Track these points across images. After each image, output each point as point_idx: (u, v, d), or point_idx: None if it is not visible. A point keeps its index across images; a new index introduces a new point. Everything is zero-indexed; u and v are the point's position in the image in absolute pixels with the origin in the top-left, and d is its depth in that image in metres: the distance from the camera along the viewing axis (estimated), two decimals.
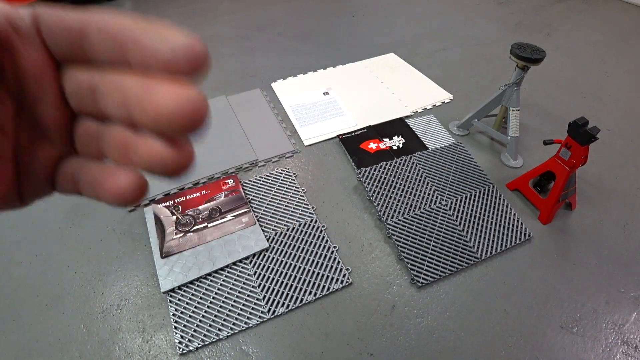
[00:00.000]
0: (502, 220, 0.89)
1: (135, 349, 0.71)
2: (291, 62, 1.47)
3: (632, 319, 0.75)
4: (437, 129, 1.16)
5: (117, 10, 1.42)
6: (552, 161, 0.88)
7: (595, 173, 1.03)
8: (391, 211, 0.90)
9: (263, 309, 0.75)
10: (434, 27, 1.69)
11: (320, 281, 0.79)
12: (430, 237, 0.86)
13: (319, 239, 0.86)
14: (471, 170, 1.00)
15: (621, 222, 0.92)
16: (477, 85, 1.34)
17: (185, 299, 0.77)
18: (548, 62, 1.38)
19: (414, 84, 1.35)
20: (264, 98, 1.28)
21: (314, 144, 1.13)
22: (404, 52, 1.50)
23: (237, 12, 1.85)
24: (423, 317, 0.75)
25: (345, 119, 1.20)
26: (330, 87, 1.33)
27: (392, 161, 1.02)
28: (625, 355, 0.70)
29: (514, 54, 0.94)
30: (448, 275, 0.81)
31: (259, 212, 0.92)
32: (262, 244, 0.85)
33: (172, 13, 1.86)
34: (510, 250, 0.85)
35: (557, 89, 1.33)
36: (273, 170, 1.03)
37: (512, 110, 1.02)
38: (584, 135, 0.79)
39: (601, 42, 1.58)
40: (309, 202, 0.94)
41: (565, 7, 1.85)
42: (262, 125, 1.18)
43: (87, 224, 0.92)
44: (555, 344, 0.71)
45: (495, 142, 1.13)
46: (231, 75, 1.42)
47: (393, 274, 0.82)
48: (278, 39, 1.63)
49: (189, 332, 0.72)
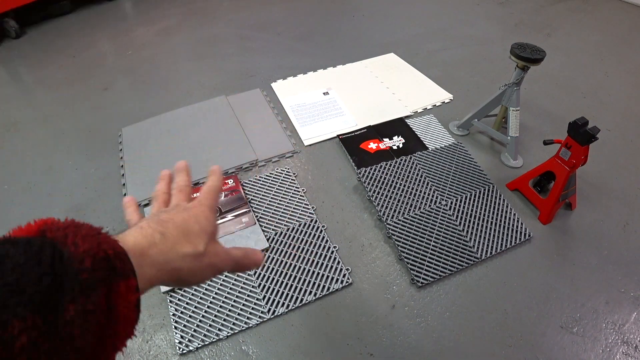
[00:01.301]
0: (502, 220, 0.89)
1: (135, 349, 0.71)
2: (291, 62, 1.47)
3: (632, 319, 0.75)
4: (437, 129, 1.16)
5: (120, 13, 1.40)
6: (552, 161, 0.88)
7: (595, 173, 1.03)
8: (391, 211, 0.90)
9: (263, 309, 0.75)
10: (434, 27, 1.69)
11: (320, 281, 0.79)
12: (430, 237, 0.86)
13: (319, 239, 0.86)
14: (471, 170, 1.00)
15: (621, 222, 0.92)
16: (477, 85, 1.34)
17: (185, 299, 0.77)
18: (548, 62, 1.38)
19: (414, 84, 1.35)
20: (264, 98, 1.28)
21: (314, 144, 1.13)
22: (404, 52, 1.50)
23: (237, 12, 1.85)
24: (423, 317, 0.75)
25: (345, 119, 1.20)
26: (330, 87, 1.33)
27: (392, 161, 1.02)
28: (625, 355, 0.70)
29: (514, 54, 0.94)
30: (448, 275, 0.81)
31: (259, 212, 0.92)
32: (262, 244, 0.85)
33: (172, 13, 1.86)
34: (510, 250, 0.85)
35: (557, 89, 1.33)
36: (273, 170, 1.03)
37: (512, 110, 1.02)
38: (584, 135, 0.79)
39: (601, 42, 1.58)
40: (309, 202, 0.94)
41: (565, 7, 1.85)
42: (262, 125, 1.18)
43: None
44: (555, 344, 0.71)
45: (495, 142, 1.13)
46: (231, 75, 1.42)
47: (393, 274, 0.82)
48: (278, 39, 1.63)
49: (189, 332, 0.72)
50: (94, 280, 0.20)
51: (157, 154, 1.08)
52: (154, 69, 1.47)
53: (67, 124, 1.23)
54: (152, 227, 0.28)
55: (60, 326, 0.18)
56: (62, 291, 0.19)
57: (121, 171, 1.05)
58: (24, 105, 1.32)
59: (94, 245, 0.22)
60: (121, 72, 1.46)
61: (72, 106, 1.30)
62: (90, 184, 1.02)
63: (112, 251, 0.22)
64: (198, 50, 1.58)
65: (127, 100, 1.32)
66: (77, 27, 1.78)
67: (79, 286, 0.19)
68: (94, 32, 1.73)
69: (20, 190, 1.02)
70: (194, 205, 0.34)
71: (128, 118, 1.22)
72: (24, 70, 1.51)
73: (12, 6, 1.64)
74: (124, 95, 1.34)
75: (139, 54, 1.56)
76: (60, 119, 1.25)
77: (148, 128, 1.16)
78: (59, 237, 0.21)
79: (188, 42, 1.64)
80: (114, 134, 1.17)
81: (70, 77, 1.44)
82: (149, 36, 1.68)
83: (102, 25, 1.79)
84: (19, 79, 1.48)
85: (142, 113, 1.23)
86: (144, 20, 1.82)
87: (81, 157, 1.11)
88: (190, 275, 0.30)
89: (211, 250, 0.31)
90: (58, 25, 1.80)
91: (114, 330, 0.22)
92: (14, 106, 1.32)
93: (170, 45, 1.62)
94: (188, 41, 1.64)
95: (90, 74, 1.45)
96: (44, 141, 1.17)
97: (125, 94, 1.35)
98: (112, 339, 0.22)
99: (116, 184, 1.02)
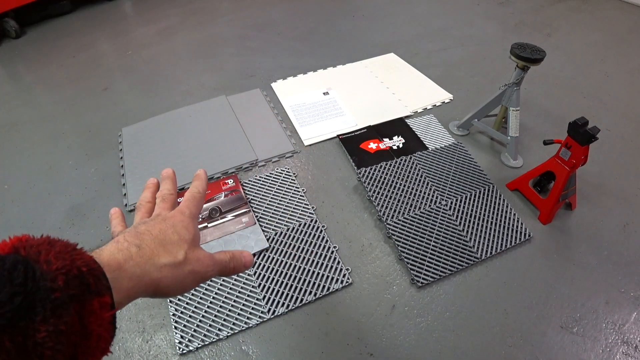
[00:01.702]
0: (502, 220, 0.89)
1: (135, 349, 0.71)
2: (291, 62, 1.47)
3: (632, 319, 0.75)
4: (437, 129, 1.16)
5: (121, 13, 1.40)
6: (552, 161, 0.88)
7: (595, 173, 1.03)
8: (391, 211, 0.90)
9: (263, 309, 0.75)
10: (434, 27, 1.69)
11: (320, 281, 0.79)
12: (430, 237, 0.86)
13: (319, 239, 0.86)
14: (471, 170, 1.00)
15: (621, 222, 0.92)
16: (477, 85, 1.34)
17: (185, 299, 0.77)
18: (548, 62, 1.38)
19: (414, 84, 1.35)
20: (264, 98, 1.28)
21: (314, 144, 1.13)
22: (404, 52, 1.50)
23: (237, 12, 1.85)
24: (423, 317, 0.75)
25: (345, 119, 1.20)
26: (330, 87, 1.33)
27: (392, 161, 1.02)
28: (625, 355, 0.70)
29: (514, 54, 0.94)
30: (448, 275, 0.81)
31: (259, 212, 0.92)
32: (262, 244, 0.85)
33: (172, 13, 1.86)
34: (510, 250, 0.85)
35: (557, 89, 1.33)
36: (273, 170, 1.03)
37: (512, 110, 1.02)
38: (584, 135, 0.79)
39: (601, 42, 1.58)
40: (309, 202, 0.94)
41: (565, 7, 1.85)
42: (262, 125, 1.18)
43: (86, 224, 0.92)
44: (555, 344, 0.71)
45: (495, 142, 1.13)
46: (231, 75, 1.42)
47: (393, 274, 0.82)
48: (278, 39, 1.63)
49: (189, 332, 0.72)
50: (66, 298, 0.20)
51: (157, 154, 1.08)
52: (154, 69, 1.47)
53: (67, 124, 1.23)
54: (129, 240, 0.28)
55: (30, 347, 0.18)
56: (34, 311, 0.19)
57: (121, 171, 1.05)
58: (24, 105, 1.32)
59: (67, 262, 0.21)
60: (121, 72, 1.46)
61: (72, 106, 1.30)
62: (90, 184, 1.02)
63: (85, 268, 0.22)
64: (198, 50, 1.58)
65: (127, 100, 1.32)
66: (77, 27, 1.78)
67: (50, 305, 0.19)
68: (94, 32, 1.73)
69: (20, 190, 1.02)
70: (173, 215, 0.34)
71: (128, 118, 1.22)
72: (24, 70, 1.51)
73: (12, 6, 1.64)
74: (124, 95, 1.34)
75: (139, 54, 1.56)
76: (60, 119, 1.25)
77: (148, 128, 1.16)
78: (32, 255, 0.21)
79: (188, 42, 1.64)
80: (114, 134, 1.17)
81: (70, 77, 1.44)
82: (149, 36, 1.68)
83: (102, 25, 1.79)
84: (19, 79, 1.48)
85: (142, 113, 1.23)
86: (144, 20, 1.82)
87: (81, 157, 1.11)
88: (171, 285, 0.29)
89: (192, 257, 0.31)
90: (58, 25, 1.80)
91: (87, 348, 0.22)
92: (14, 106, 1.32)
93: (170, 45, 1.62)
94: (188, 41, 1.64)
95: (90, 74, 1.45)
96: (44, 141, 1.17)
97: (125, 94, 1.35)
98: (85, 356, 0.22)
99: (116, 184, 1.02)
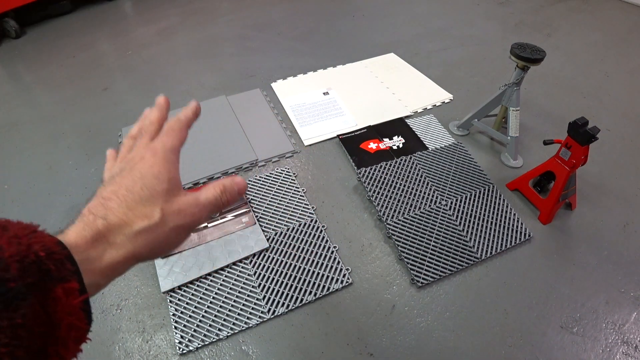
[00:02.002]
0: (502, 220, 0.89)
1: (135, 349, 0.71)
2: (291, 62, 1.47)
3: (632, 319, 0.75)
4: (437, 129, 1.16)
5: (120, 13, 1.40)
6: (552, 161, 0.88)
7: (595, 173, 1.03)
8: (391, 211, 0.90)
9: (263, 309, 0.75)
10: (434, 27, 1.69)
11: (320, 281, 0.79)
12: (430, 237, 0.86)
13: (319, 239, 0.86)
14: (471, 170, 1.00)
15: (621, 222, 0.92)
16: (477, 85, 1.34)
17: (185, 299, 0.77)
18: (548, 62, 1.38)
19: (414, 84, 1.35)
20: (264, 98, 1.28)
21: (314, 144, 1.13)
22: (404, 52, 1.50)
23: (237, 12, 1.85)
24: (423, 317, 0.75)
25: (345, 119, 1.20)
26: (330, 87, 1.33)
27: (392, 161, 1.02)
28: (625, 355, 0.70)
29: (514, 54, 0.94)
30: (448, 275, 0.81)
31: (259, 212, 0.92)
32: (262, 244, 0.85)
33: (172, 13, 1.86)
34: (510, 250, 0.85)
35: (557, 89, 1.33)
36: (273, 170, 1.03)
37: (512, 110, 1.02)
38: (584, 135, 0.79)
39: (601, 42, 1.58)
40: (309, 202, 0.94)
41: (565, 7, 1.85)
42: (262, 125, 1.18)
43: None
44: (555, 344, 0.71)
45: (495, 142, 1.13)
46: (231, 75, 1.42)
47: (393, 274, 0.82)
48: (278, 39, 1.63)
49: (189, 332, 0.72)
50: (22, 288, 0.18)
51: None
52: (154, 69, 1.47)
53: (67, 124, 1.23)
54: (94, 212, 0.24)
55: None
56: None
57: None
58: (24, 105, 1.32)
59: (22, 248, 0.19)
60: (121, 72, 1.46)
61: (72, 106, 1.30)
62: (91, 184, 1.02)
63: (44, 253, 0.19)
64: (198, 50, 1.58)
65: (127, 100, 1.32)
66: (77, 27, 1.78)
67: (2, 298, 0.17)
68: (94, 32, 1.73)
69: (20, 190, 1.02)
70: (142, 160, 0.27)
71: (128, 118, 1.22)
72: (24, 70, 1.51)
73: (12, 6, 1.64)
74: (124, 95, 1.34)
75: (139, 54, 1.56)
76: (60, 119, 1.25)
77: None
78: None
79: (188, 42, 1.64)
80: (114, 134, 1.17)
81: (70, 77, 1.44)
82: (149, 36, 1.68)
83: (102, 25, 1.79)
84: (19, 79, 1.48)
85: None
86: (144, 20, 1.82)
87: (81, 157, 1.11)
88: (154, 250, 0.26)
89: (171, 211, 0.26)
90: (58, 25, 1.80)
91: (57, 339, 0.19)
92: (14, 106, 1.32)
93: (170, 45, 1.62)
94: (188, 41, 1.64)
95: (90, 74, 1.45)
96: (44, 141, 1.17)
97: (125, 94, 1.35)
98: (56, 347, 0.19)
99: None
